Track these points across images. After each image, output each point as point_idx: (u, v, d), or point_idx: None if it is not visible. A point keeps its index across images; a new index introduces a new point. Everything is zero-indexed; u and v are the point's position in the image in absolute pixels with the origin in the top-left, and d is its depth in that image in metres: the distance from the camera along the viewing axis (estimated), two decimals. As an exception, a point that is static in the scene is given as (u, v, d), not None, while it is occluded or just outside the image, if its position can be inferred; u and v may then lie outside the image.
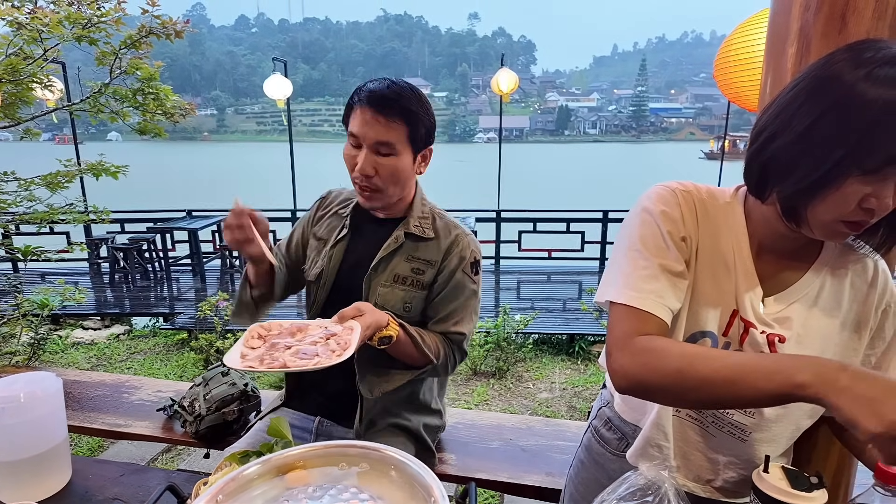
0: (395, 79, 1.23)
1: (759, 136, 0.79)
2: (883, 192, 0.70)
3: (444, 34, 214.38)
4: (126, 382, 2.02)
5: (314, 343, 1.04)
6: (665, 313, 0.81)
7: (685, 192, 0.88)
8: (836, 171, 0.70)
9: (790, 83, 0.78)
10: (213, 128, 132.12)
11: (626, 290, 0.82)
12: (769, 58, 1.09)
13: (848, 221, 0.74)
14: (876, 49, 0.70)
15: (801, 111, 0.73)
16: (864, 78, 0.67)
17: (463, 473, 1.51)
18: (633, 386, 0.78)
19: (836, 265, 0.88)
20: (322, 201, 1.46)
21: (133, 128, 4.30)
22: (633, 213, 0.90)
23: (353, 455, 0.79)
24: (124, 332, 5.56)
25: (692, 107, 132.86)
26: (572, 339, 5.16)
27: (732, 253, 0.87)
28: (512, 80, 7.60)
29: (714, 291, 0.87)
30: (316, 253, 1.39)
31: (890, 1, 0.91)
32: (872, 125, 0.67)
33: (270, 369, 0.96)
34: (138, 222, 7.63)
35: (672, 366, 0.74)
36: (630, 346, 0.79)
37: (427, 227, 1.33)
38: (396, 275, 1.31)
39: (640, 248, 0.85)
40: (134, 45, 3.79)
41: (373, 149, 1.21)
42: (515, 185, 17.69)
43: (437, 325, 1.34)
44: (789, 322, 0.86)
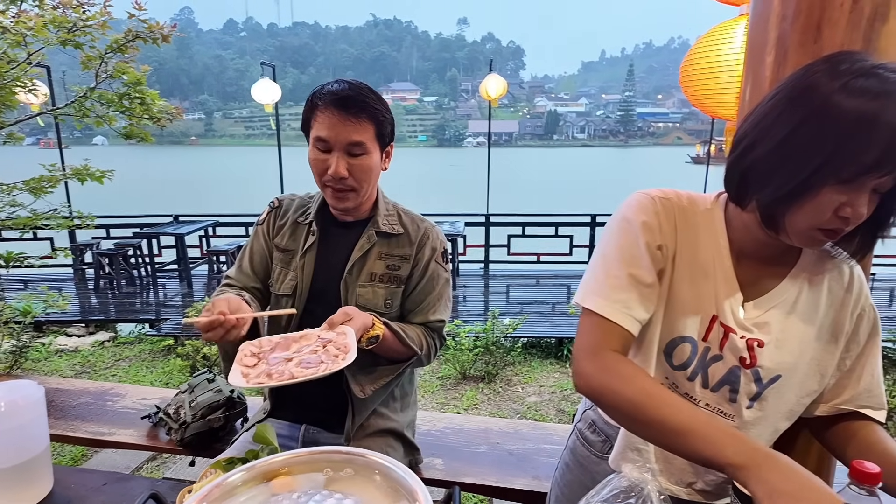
0: (349, 79, 1.24)
1: (740, 143, 0.81)
2: (858, 201, 0.72)
3: (433, 39, 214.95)
4: (110, 390, 2.00)
5: (314, 351, 1.06)
6: (631, 324, 0.85)
7: (664, 199, 0.90)
8: (813, 180, 0.72)
9: (770, 92, 0.80)
10: (200, 132, 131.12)
11: (596, 297, 0.86)
12: (748, 66, 1.11)
13: (824, 229, 0.76)
14: (852, 61, 0.72)
15: (780, 120, 0.75)
16: (839, 89, 0.69)
17: (450, 478, 1.51)
18: (591, 396, 0.84)
19: (814, 271, 0.90)
20: (276, 211, 1.41)
21: (119, 132, 4.26)
22: (612, 221, 0.92)
23: (337, 461, 0.79)
24: (109, 338, 5.48)
25: (679, 112, 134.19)
26: (561, 342, 5.18)
27: (713, 259, 0.89)
28: (501, 85, 7.64)
29: (694, 297, 0.88)
30: (283, 265, 1.36)
31: (864, 12, 0.93)
32: (847, 136, 0.68)
33: (281, 382, 0.96)
34: (124, 227, 7.56)
35: (630, 396, 0.78)
36: (598, 360, 0.83)
37: (395, 224, 1.35)
38: (373, 273, 1.32)
39: (613, 256, 0.88)
40: (120, 49, 3.77)
41: (345, 150, 1.21)
42: (505, 189, 17.77)
43: (417, 316, 1.37)
44: (768, 327, 0.87)
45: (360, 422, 1.36)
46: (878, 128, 0.67)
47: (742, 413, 0.90)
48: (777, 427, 0.93)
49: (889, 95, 0.67)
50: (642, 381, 0.80)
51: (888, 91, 0.67)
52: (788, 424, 0.94)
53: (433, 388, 4.38)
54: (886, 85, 0.68)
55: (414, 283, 1.35)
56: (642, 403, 0.77)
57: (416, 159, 63.57)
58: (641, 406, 0.77)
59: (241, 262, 1.41)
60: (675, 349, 0.90)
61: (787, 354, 0.87)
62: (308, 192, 1.44)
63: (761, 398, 0.89)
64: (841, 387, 0.92)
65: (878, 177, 0.70)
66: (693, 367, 0.90)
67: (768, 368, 0.87)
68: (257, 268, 1.40)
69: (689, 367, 0.90)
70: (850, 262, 0.91)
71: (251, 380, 0.99)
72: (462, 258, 7.38)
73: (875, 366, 0.91)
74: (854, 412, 0.92)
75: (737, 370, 0.88)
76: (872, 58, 0.73)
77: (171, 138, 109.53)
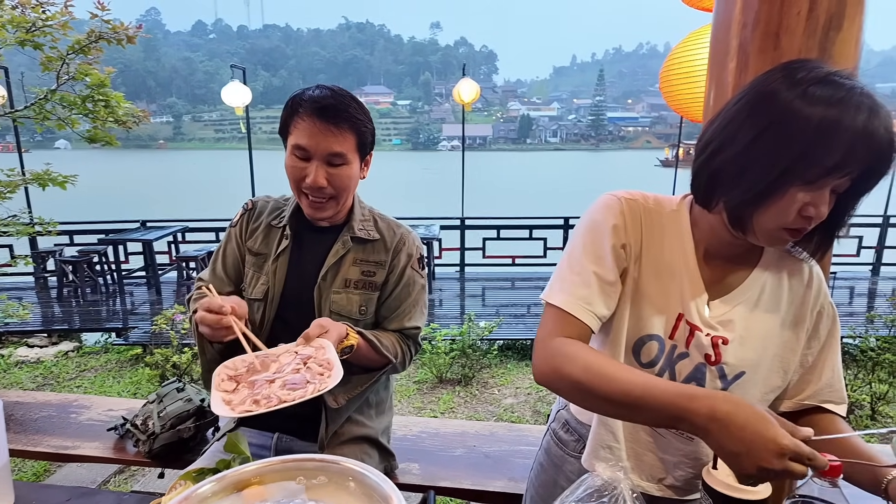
0: (331, 85, 1.21)
1: (707, 147, 0.83)
2: (819, 201, 0.76)
3: (406, 43, 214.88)
4: (74, 402, 1.93)
5: (296, 370, 1.04)
6: (590, 319, 0.87)
7: (631, 200, 0.92)
8: (780, 181, 0.75)
9: (734, 97, 0.83)
10: (169, 135, 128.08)
11: (559, 293, 0.89)
12: (712, 71, 1.14)
13: (789, 228, 0.79)
14: (807, 70, 0.75)
15: (746, 125, 0.78)
16: (799, 97, 0.73)
17: (426, 482, 1.51)
18: (544, 383, 0.86)
19: (776, 270, 0.93)
20: (249, 213, 1.38)
21: (83, 136, 4.13)
22: (581, 221, 0.94)
23: (310, 468, 0.78)
24: (73, 348, 5.30)
25: (648, 116, 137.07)
26: (536, 344, 5.23)
27: (678, 258, 0.91)
28: (474, 90, 7.68)
29: (660, 296, 0.91)
30: (256, 269, 1.33)
31: (819, 21, 0.97)
32: (811, 140, 0.72)
33: (271, 408, 0.93)
34: (88, 234, 7.34)
35: (575, 376, 0.80)
36: (547, 346, 0.85)
37: (371, 229, 1.34)
38: (347, 280, 1.30)
39: (579, 255, 0.90)
40: (83, 50, 3.66)
41: (325, 160, 1.19)
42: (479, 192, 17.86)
43: (392, 322, 1.36)
44: (732, 325, 0.90)
45: (334, 429, 1.35)
46: (839, 133, 0.70)
47: None
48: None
49: (844, 102, 0.71)
50: (584, 357, 0.81)
51: (843, 98, 0.71)
52: None
53: (409, 393, 4.36)
54: (841, 92, 0.71)
55: (389, 290, 1.34)
56: (586, 382, 0.79)
57: (391, 163, 63.36)
58: (585, 384, 0.79)
59: (215, 265, 1.39)
60: (643, 347, 0.92)
61: (751, 351, 0.90)
62: (284, 195, 1.41)
63: None
64: (804, 382, 0.95)
65: (839, 177, 0.74)
66: (661, 364, 0.92)
67: (733, 365, 0.90)
68: (230, 271, 1.37)
69: (656, 365, 0.92)
70: (810, 261, 0.95)
71: (236, 407, 0.95)
72: (438, 262, 7.39)
73: (835, 362, 0.95)
74: (817, 407, 0.95)
75: (702, 367, 0.91)
76: (826, 65, 0.77)
77: (139, 142, 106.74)
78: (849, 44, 0.98)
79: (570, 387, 0.82)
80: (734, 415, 0.68)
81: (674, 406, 0.72)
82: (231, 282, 1.37)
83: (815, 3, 0.96)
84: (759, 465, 0.66)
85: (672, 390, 0.74)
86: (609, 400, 0.78)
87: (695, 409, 0.71)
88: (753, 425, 0.67)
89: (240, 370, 1.07)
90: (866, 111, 0.71)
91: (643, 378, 0.78)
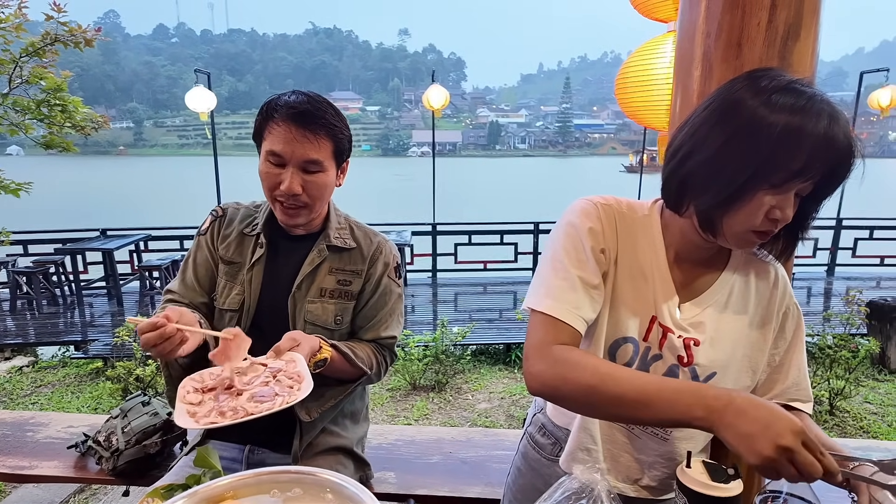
0: (308, 91, 1.19)
1: (677, 153, 0.86)
2: (785, 204, 0.79)
3: (374, 49, 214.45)
4: (30, 419, 1.84)
5: (265, 383, 1.01)
6: (580, 324, 0.87)
7: (606, 205, 0.94)
8: (748, 185, 0.78)
9: (701, 104, 0.85)
10: (129, 141, 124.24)
11: (545, 299, 0.88)
12: (677, 79, 1.18)
13: (757, 231, 0.82)
14: (770, 78, 0.78)
15: (714, 132, 0.80)
16: (763, 104, 0.76)
17: (403, 491, 1.49)
18: (547, 392, 0.85)
19: (743, 271, 0.96)
20: (220, 220, 1.33)
21: (37, 141, 3.98)
22: (558, 226, 0.95)
23: (285, 481, 0.76)
24: (28, 363, 5.07)
25: (613, 123, 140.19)
26: (509, 348, 5.26)
27: (650, 262, 0.93)
28: (443, 96, 7.71)
29: (634, 299, 0.93)
30: (229, 278, 1.29)
31: (778, 31, 1.01)
32: (776, 146, 0.75)
33: (236, 420, 0.90)
34: (44, 243, 7.04)
35: (585, 380, 0.80)
36: (547, 355, 0.84)
37: (347, 237, 1.32)
38: (323, 289, 1.28)
39: (561, 260, 0.90)
40: (37, 52, 3.53)
41: (300, 167, 1.16)
42: (450, 198, 17.91)
43: (368, 332, 1.34)
44: (703, 326, 0.92)
45: (308, 441, 1.32)
46: (802, 139, 0.73)
47: None
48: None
49: (806, 110, 0.74)
50: (593, 363, 0.82)
51: (805, 106, 0.74)
52: None
53: (383, 401, 4.32)
54: (802, 100, 0.75)
55: (365, 299, 1.32)
56: (598, 384, 0.79)
57: (361, 169, 62.98)
58: (598, 387, 0.79)
59: (185, 275, 1.31)
60: (619, 349, 0.94)
61: (721, 352, 0.92)
62: (254, 201, 1.38)
63: None
64: (771, 381, 0.98)
65: (803, 181, 0.77)
66: (636, 366, 0.94)
67: (704, 366, 0.92)
68: (203, 280, 1.31)
69: (631, 367, 0.94)
70: (775, 263, 0.98)
71: (200, 419, 0.92)
72: (410, 268, 7.36)
73: (801, 361, 0.98)
74: (784, 405, 0.98)
75: (675, 368, 0.93)
76: (787, 74, 0.80)
77: (97, 148, 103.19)
78: (806, 53, 1.03)
79: (581, 392, 0.81)
80: (751, 399, 0.71)
81: (691, 395, 0.74)
82: (204, 291, 1.31)
83: (773, 14, 1.00)
84: (777, 441, 0.67)
85: (687, 383, 0.78)
86: (623, 399, 0.78)
87: (713, 394, 0.73)
88: (765, 409, 0.69)
89: (207, 382, 1.03)
90: (827, 118, 0.74)
91: (656, 376, 0.82)
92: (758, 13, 1.00)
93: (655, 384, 0.78)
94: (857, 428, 3.84)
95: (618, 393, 0.78)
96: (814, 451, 0.68)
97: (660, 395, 0.76)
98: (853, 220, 7.83)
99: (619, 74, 2.36)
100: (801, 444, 0.67)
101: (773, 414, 0.69)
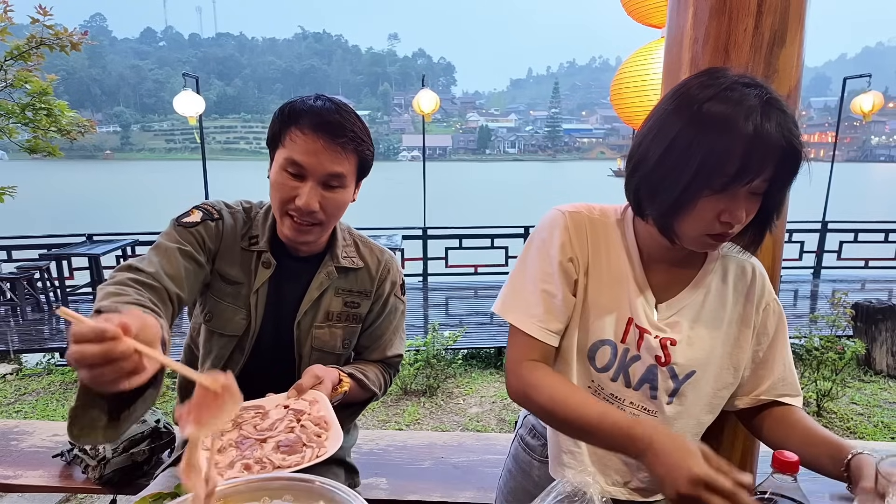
0: (333, 97, 1.09)
1: (630, 162, 0.88)
2: (734, 207, 0.79)
3: (364, 53, 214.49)
4: (14, 428, 1.81)
5: (290, 429, 0.97)
6: (547, 337, 0.93)
7: (574, 213, 0.96)
8: (690, 191, 0.79)
9: (649, 114, 0.87)
10: (116, 146, 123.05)
11: (514, 312, 0.95)
12: (666, 84, 1.19)
13: (712, 234, 0.83)
14: (717, 76, 0.79)
15: (657, 139, 0.82)
16: (707, 100, 0.76)
17: (395, 497, 1.48)
18: (519, 403, 0.95)
19: (719, 270, 0.97)
20: (217, 226, 1.14)
21: (22, 146, 3.92)
22: (530, 238, 0.99)
23: (276, 488, 0.75)
24: (12, 371, 4.98)
25: (602, 127, 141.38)
26: (500, 352, 5.25)
27: (625, 265, 0.95)
28: (433, 101, 7.73)
29: (609, 302, 0.94)
30: (231, 299, 1.16)
31: (764, 37, 1.02)
32: (710, 146, 0.75)
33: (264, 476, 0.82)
34: (29, 249, 6.92)
35: (542, 403, 0.88)
36: (518, 372, 0.92)
37: (353, 256, 1.24)
38: (329, 312, 1.21)
39: (528, 274, 0.95)
40: (22, 56, 3.49)
41: (321, 181, 1.06)
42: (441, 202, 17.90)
43: (374, 352, 1.30)
44: (679, 326, 0.94)
45: None
46: (731, 141, 0.74)
47: (664, 408, 0.95)
48: (700, 420, 0.99)
49: (735, 110, 0.74)
50: (549, 386, 0.88)
51: (733, 106, 0.74)
52: (712, 418, 1.00)
53: (374, 406, 4.30)
54: (732, 102, 0.75)
55: (372, 320, 1.27)
56: (551, 409, 0.87)
57: (350, 173, 62.60)
58: (551, 411, 0.87)
59: (169, 257, 1.04)
60: (597, 352, 0.95)
61: (699, 351, 0.94)
62: (240, 202, 1.22)
63: (679, 394, 0.95)
64: (757, 378, 0.99)
65: (746, 183, 0.77)
66: (615, 368, 0.95)
67: (682, 365, 0.93)
68: (188, 273, 1.07)
69: (611, 369, 0.95)
70: (753, 259, 0.99)
71: (225, 473, 0.86)
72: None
73: (786, 355, 0.99)
74: (774, 402, 0.99)
75: (654, 368, 0.94)
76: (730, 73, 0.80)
77: (83, 152, 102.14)
78: (792, 58, 1.04)
79: (538, 412, 0.91)
80: (664, 444, 0.74)
81: (621, 434, 0.79)
82: (185, 286, 1.05)
83: (760, 20, 1.01)
84: (676, 489, 0.70)
85: (621, 421, 0.81)
86: (572, 426, 0.86)
87: (637, 436, 0.77)
88: (675, 454, 0.72)
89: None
90: (758, 116, 0.74)
91: (600, 408, 0.84)
92: (744, 19, 1.02)
93: (596, 417, 0.83)
94: (844, 429, 3.89)
95: (566, 419, 0.86)
96: (723, 492, 0.68)
97: (600, 427, 0.82)
98: (838, 223, 7.95)
99: (615, 80, 2.37)
100: (705, 488, 0.69)
101: (679, 462, 0.71)
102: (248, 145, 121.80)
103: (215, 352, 1.18)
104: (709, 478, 0.68)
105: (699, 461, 0.70)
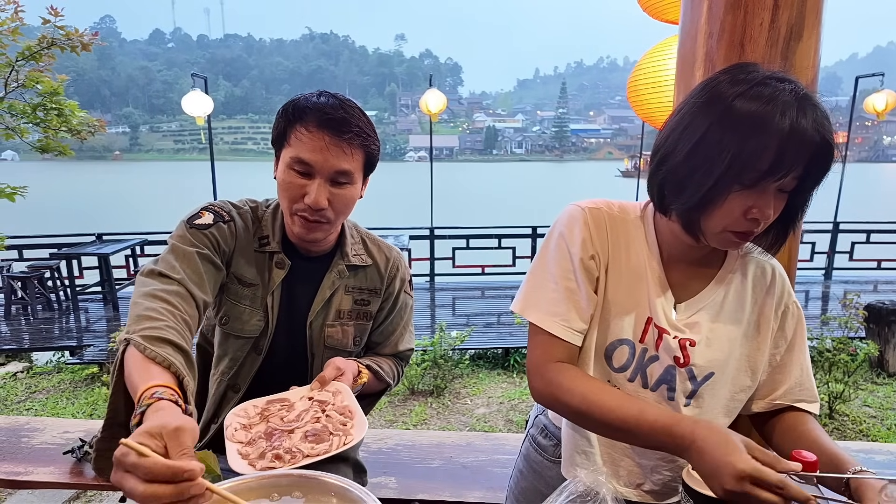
0: (336, 94, 1.08)
1: (655, 156, 0.86)
2: (763, 203, 0.78)
3: (371, 54, 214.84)
4: (25, 425, 1.82)
5: (316, 419, 0.99)
6: (572, 336, 0.90)
7: (594, 209, 0.94)
8: (720, 186, 0.77)
9: (678, 106, 0.85)
10: (125, 146, 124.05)
11: (535, 310, 0.92)
12: (679, 81, 1.17)
13: (737, 231, 0.81)
14: (748, 71, 0.78)
15: (688, 131, 0.80)
16: (740, 95, 0.75)
17: (404, 496, 1.48)
18: (545, 406, 0.94)
19: (739, 270, 0.95)
20: (228, 231, 1.13)
21: (33, 146, 3.96)
22: (549, 234, 0.96)
23: (285, 485, 0.75)
24: (23, 369, 5.03)
25: (609, 128, 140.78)
26: (507, 352, 5.24)
27: (644, 263, 0.93)
28: (440, 101, 7.73)
29: (629, 301, 0.92)
30: (248, 302, 1.16)
31: (780, 31, 1.01)
32: (743, 142, 0.74)
33: (295, 465, 0.88)
34: (40, 248, 7.01)
35: (574, 406, 0.86)
36: (543, 374, 0.90)
37: (362, 253, 1.25)
38: (340, 311, 1.22)
39: (549, 270, 0.92)
40: (34, 56, 3.52)
41: (329, 178, 1.06)
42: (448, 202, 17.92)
43: (386, 348, 1.31)
44: (698, 327, 0.92)
45: None
46: (766, 137, 0.73)
47: (681, 410, 0.93)
48: (718, 423, 0.97)
49: (771, 106, 0.73)
50: (581, 388, 0.86)
51: (769, 102, 0.73)
52: (729, 421, 0.98)
53: (381, 405, 4.30)
54: (766, 97, 0.74)
55: (384, 316, 1.28)
56: (585, 412, 0.85)
57: (357, 174, 62.82)
58: (585, 414, 0.85)
59: (190, 261, 1.03)
60: (615, 352, 0.93)
61: (718, 352, 0.92)
62: (246, 201, 1.21)
63: (697, 395, 0.93)
64: (774, 382, 0.97)
65: (778, 179, 0.76)
66: (632, 368, 0.93)
67: (701, 366, 0.91)
68: (210, 279, 1.06)
69: (628, 369, 0.93)
70: (773, 261, 0.97)
71: (257, 463, 0.89)
72: (407, 272, 7.34)
73: (804, 360, 0.97)
74: (790, 407, 0.97)
75: (672, 369, 0.92)
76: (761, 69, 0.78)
77: (93, 153, 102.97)
78: (808, 53, 1.03)
79: (569, 414, 0.89)
80: (707, 441, 0.73)
81: (662, 432, 0.78)
82: (211, 293, 1.07)
83: (776, 14, 1.00)
84: (722, 485, 0.69)
85: (661, 418, 0.79)
86: (609, 427, 0.85)
87: (679, 433, 0.76)
88: (718, 449, 0.71)
89: (252, 417, 1.00)
90: (794, 111, 0.72)
91: (637, 406, 0.83)
92: (760, 13, 1.00)
93: (634, 416, 0.81)
94: (857, 431, 3.84)
95: (603, 421, 0.84)
96: (770, 485, 0.67)
97: (639, 426, 0.81)
98: (850, 223, 7.87)
99: (631, 77, 2.35)
100: (751, 483, 0.68)
101: (723, 458, 0.70)
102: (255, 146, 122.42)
103: (231, 353, 1.18)
104: (755, 472, 0.67)
105: (743, 456, 0.69)
